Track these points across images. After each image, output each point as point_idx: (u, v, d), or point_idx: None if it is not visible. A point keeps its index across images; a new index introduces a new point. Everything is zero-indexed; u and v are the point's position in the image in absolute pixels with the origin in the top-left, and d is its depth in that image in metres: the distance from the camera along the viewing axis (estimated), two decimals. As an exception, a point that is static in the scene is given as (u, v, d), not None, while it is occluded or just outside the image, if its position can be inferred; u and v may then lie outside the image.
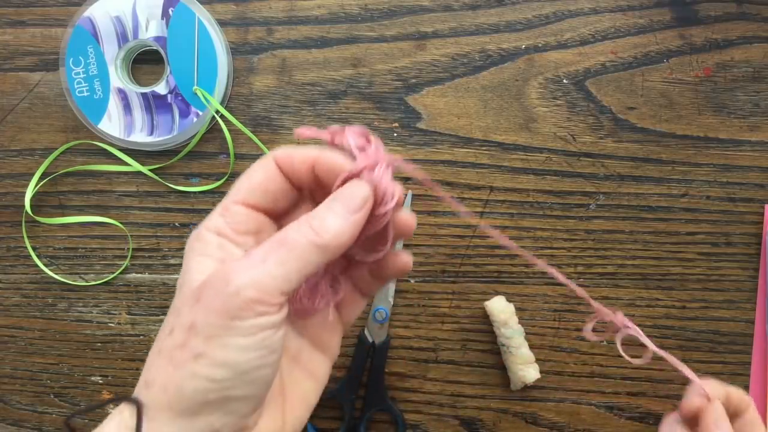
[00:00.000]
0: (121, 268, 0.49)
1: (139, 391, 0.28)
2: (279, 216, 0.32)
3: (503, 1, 0.48)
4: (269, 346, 0.27)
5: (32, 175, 0.49)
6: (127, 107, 0.48)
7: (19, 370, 0.50)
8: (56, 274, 0.50)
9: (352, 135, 0.30)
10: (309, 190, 0.32)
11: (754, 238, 0.47)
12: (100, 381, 0.50)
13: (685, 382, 0.47)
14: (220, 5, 0.49)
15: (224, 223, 0.29)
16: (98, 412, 0.50)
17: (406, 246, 0.48)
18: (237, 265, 0.27)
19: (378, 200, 0.30)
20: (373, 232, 0.30)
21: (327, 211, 0.28)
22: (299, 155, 0.30)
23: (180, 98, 0.48)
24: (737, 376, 0.47)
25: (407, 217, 0.31)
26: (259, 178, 0.30)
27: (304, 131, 0.31)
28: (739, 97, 0.47)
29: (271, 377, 0.28)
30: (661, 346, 0.47)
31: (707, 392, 0.36)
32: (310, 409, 0.33)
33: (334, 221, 0.28)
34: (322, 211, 0.28)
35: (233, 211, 0.30)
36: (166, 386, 0.27)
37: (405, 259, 0.33)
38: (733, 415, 0.37)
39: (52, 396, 0.50)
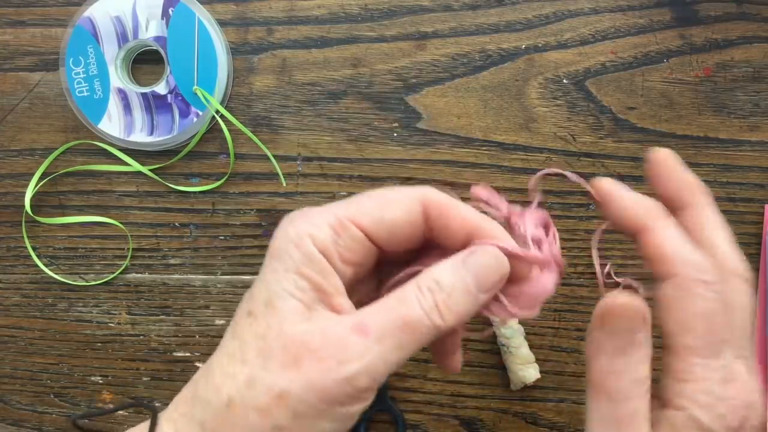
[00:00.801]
0: (121, 268, 0.49)
1: (191, 429, 0.24)
2: (386, 251, 0.27)
3: (503, 1, 0.48)
4: (348, 425, 0.25)
5: (32, 175, 0.49)
6: (127, 107, 0.48)
7: (19, 370, 0.50)
8: (56, 274, 0.50)
9: (530, 223, 0.26)
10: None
11: (754, 238, 0.47)
12: (100, 381, 0.50)
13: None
14: (220, 5, 0.49)
15: (334, 244, 0.25)
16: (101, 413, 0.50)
17: (406, 246, 0.48)
18: (354, 343, 0.23)
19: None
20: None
21: (458, 284, 0.24)
22: (457, 216, 0.26)
23: (180, 98, 0.48)
24: (737, 376, 0.47)
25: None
26: (396, 216, 0.25)
27: (481, 192, 0.27)
28: (739, 97, 0.47)
29: None
30: (662, 346, 0.47)
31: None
32: None
33: (463, 300, 0.24)
34: (451, 282, 0.24)
35: (351, 234, 0.25)
36: None
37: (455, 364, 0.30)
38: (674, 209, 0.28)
39: (52, 396, 0.50)
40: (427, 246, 0.27)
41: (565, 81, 0.47)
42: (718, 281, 0.25)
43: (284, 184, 0.49)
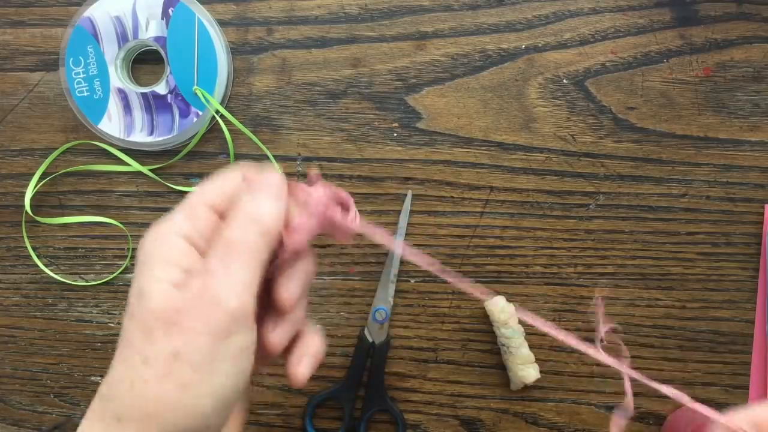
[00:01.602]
0: (121, 268, 0.49)
1: (107, 426, 0.26)
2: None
3: (503, 1, 0.48)
4: (246, 368, 0.27)
5: (32, 175, 0.49)
6: (127, 107, 0.48)
7: (19, 370, 0.50)
8: (56, 274, 0.50)
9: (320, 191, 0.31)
10: None
11: (754, 238, 0.47)
12: (100, 381, 0.50)
13: (686, 382, 0.47)
14: (220, 5, 0.49)
15: (191, 227, 0.28)
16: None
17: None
18: (217, 280, 0.26)
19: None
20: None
21: (255, 199, 0.28)
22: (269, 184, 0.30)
23: (180, 98, 0.48)
24: (737, 376, 0.47)
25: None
26: (231, 187, 0.29)
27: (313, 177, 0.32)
28: (739, 97, 0.47)
29: (237, 401, 0.28)
30: (662, 346, 0.48)
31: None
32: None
33: (267, 205, 0.28)
34: (249, 200, 0.28)
35: (200, 214, 0.28)
36: (144, 421, 0.25)
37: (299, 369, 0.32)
38: None
39: (52, 396, 0.50)
40: None
41: (565, 81, 0.47)
42: None
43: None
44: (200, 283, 0.26)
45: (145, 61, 0.49)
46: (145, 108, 0.48)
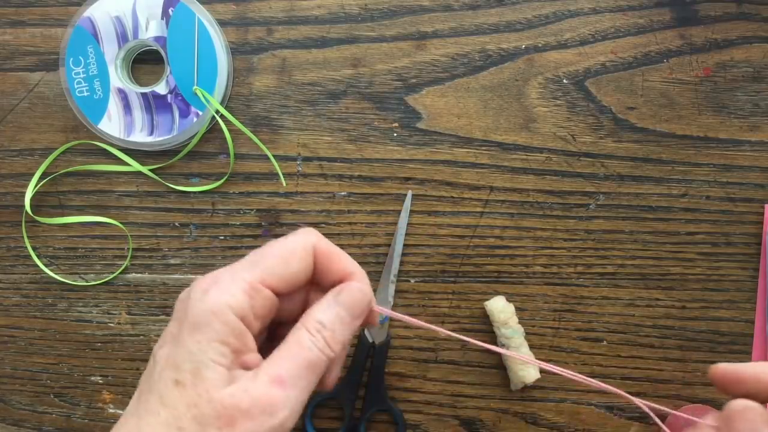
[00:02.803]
0: (121, 268, 0.49)
1: None
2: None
3: (503, 1, 0.48)
4: None
5: (32, 175, 0.49)
6: (127, 107, 0.48)
7: (19, 370, 0.50)
8: (56, 274, 0.50)
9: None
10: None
11: (754, 238, 0.47)
12: (100, 381, 0.50)
13: (686, 382, 0.47)
14: (220, 5, 0.49)
15: (250, 309, 0.28)
16: (98, 413, 0.50)
17: (406, 245, 0.48)
18: (276, 395, 0.27)
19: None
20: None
21: (336, 319, 0.29)
22: (338, 262, 0.31)
23: (180, 98, 0.48)
24: (737, 376, 0.47)
25: None
26: (297, 269, 0.29)
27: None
28: (739, 97, 0.47)
29: None
30: (662, 346, 0.48)
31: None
32: None
33: (342, 330, 0.29)
34: (330, 319, 0.29)
35: (262, 295, 0.28)
36: None
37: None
38: None
39: (52, 396, 0.50)
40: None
41: (565, 81, 0.47)
42: None
43: (284, 184, 0.49)
44: (262, 387, 0.27)
45: (145, 61, 0.49)
46: (145, 108, 0.48)
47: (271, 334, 0.32)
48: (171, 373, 0.27)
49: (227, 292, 0.27)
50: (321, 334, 0.28)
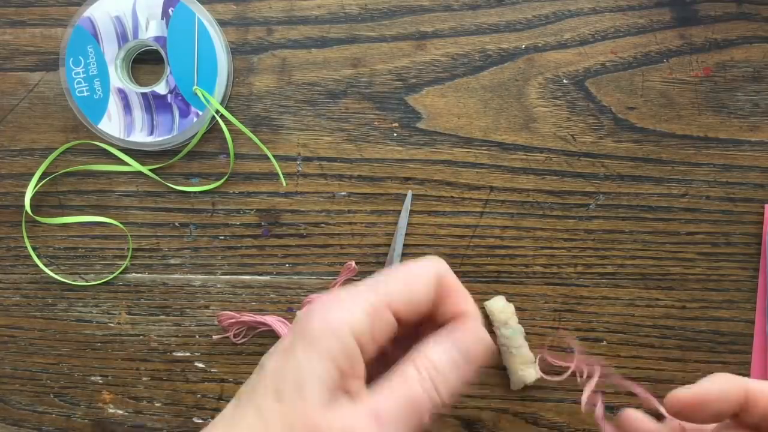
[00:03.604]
0: (121, 268, 0.49)
1: None
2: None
3: (503, 1, 0.48)
4: None
5: (32, 175, 0.49)
6: (127, 107, 0.48)
7: (19, 370, 0.50)
8: (56, 274, 0.50)
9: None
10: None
11: (754, 238, 0.47)
12: (100, 381, 0.50)
13: (686, 382, 0.47)
14: (220, 5, 0.49)
15: (370, 332, 0.26)
16: (98, 413, 0.50)
17: (406, 245, 0.48)
18: (373, 431, 0.25)
19: None
20: None
21: (451, 364, 0.27)
22: (457, 296, 0.28)
23: (180, 98, 0.48)
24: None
25: None
26: (421, 295, 0.27)
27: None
28: (739, 97, 0.47)
29: None
30: (662, 346, 0.48)
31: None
32: None
33: (455, 377, 0.27)
34: (445, 363, 0.27)
35: (385, 319, 0.26)
36: None
37: None
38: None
39: (52, 396, 0.50)
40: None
41: (565, 81, 0.47)
42: None
43: (284, 184, 0.49)
44: (358, 420, 0.25)
45: (145, 61, 0.49)
46: (145, 108, 0.48)
47: (377, 364, 0.30)
48: (274, 385, 0.26)
49: (348, 310, 0.26)
50: (430, 375, 0.26)
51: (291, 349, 0.26)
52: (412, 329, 0.29)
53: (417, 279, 0.28)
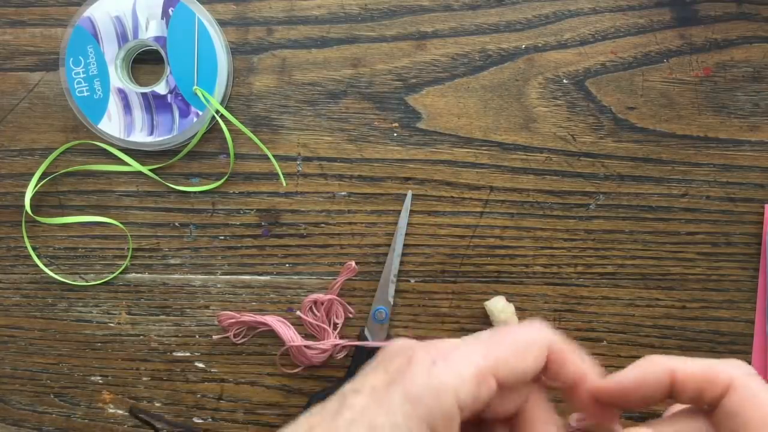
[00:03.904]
0: (121, 268, 0.49)
1: None
2: None
3: (503, 1, 0.48)
4: None
5: (32, 175, 0.49)
6: (127, 107, 0.48)
7: (19, 370, 0.50)
8: (56, 274, 0.50)
9: None
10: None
11: (754, 238, 0.47)
12: (100, 381, 0.50)
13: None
14: (220, 5, 0.49)
15: (473, 399, 0.23)
16: (98, 413, 0.50)
17: (406, 245, 0.48)
18: None
19: None
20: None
21: None
22: (577, 360, 0.26)
23: (180, 98, 0.48)
24: (737, 376, 0.47)
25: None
26: (529, 367, 0.25)
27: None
28: (739, 97, 0.47)
29: None
30: (662, 346, 0.48)
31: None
32: None
33: None
34: None
35: (489, 386, 0.24)
36: None
37: None
38: (699, 401, 0.25)
39: (52, 396, 0.50)
40: None
41: (565, 81, 0.47)
42: None
43: (284, 184, 0.49)
44: None
45: (145, 61, 0.49)
46: (145, 108, 0.48)
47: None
48: (363, 430, 0.23)
49: (458, 373, 0.24)
50: None
51: (385, 394, 0.24)
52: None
53: (529, 350, 0.25)
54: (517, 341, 0.25)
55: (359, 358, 0.47)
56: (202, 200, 0.49)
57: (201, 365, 0.49)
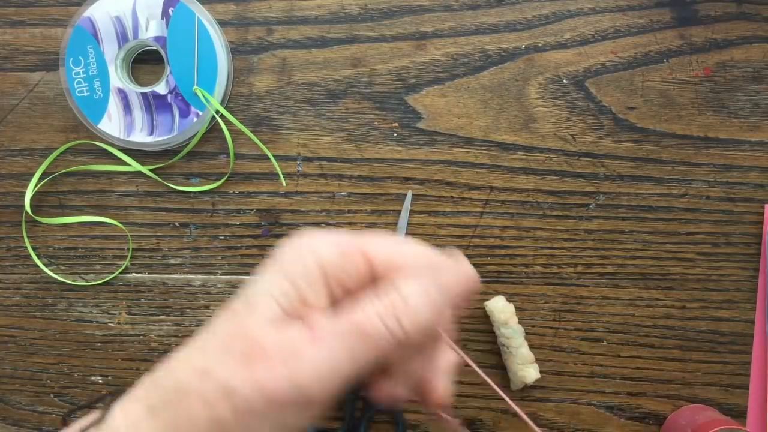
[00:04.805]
0: (121, 268, 0.49)
1: (140, 411, 0.24)
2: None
3: (503, 1, 0.48)
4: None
5: (32, 175, 0.49)
6: (127, 107, 0.48)
7: (19, 370, 0.50)
8: (56, 274, 0.50)
9: None
10: None
11: (754, 238, 0.47)
12: (100, 381, 0.50)
13: (685, 382, 0.47)
14: (220, 5, 0.49)
15: (334, 265, 0.25)
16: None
17: (406, 246, 0.48)
18: (305, 349, 0.23)
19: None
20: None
21: (426, 301, 0.24)
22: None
23: (180, 98, 0.48)
24: (737, 376, 0.47)
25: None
26: (408, 258, 0.26)
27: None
28: (739, 97, 0.47)
29: None
30: (662, 346, 0.48)
31: None
32: None
33: (426, 315, 0.24)
34: (412, 290, 0.24)
35: (355, 261, 0.25)
36: (170, 428, 0.24)
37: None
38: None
39: (52, 396, 0.50)
40: None
41: (565, 81, 0.47)
42: None
43: (284, 184, 0.48)
44: (292, 333, 0.24)
45: (145, 61, 0.49)
46: (145, 108, 0.48)
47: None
48: (233, 302, 0.25)
49: (321, 241, 0.25)
50: (395, 307, 0.24)
51: (261, 272, 0.26)
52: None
53: (405, 241, 0.27)
54: (396, 237, 0.27)
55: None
56: (202, 200, 0.49)
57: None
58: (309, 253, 0.25)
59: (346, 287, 0.25)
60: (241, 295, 0.25)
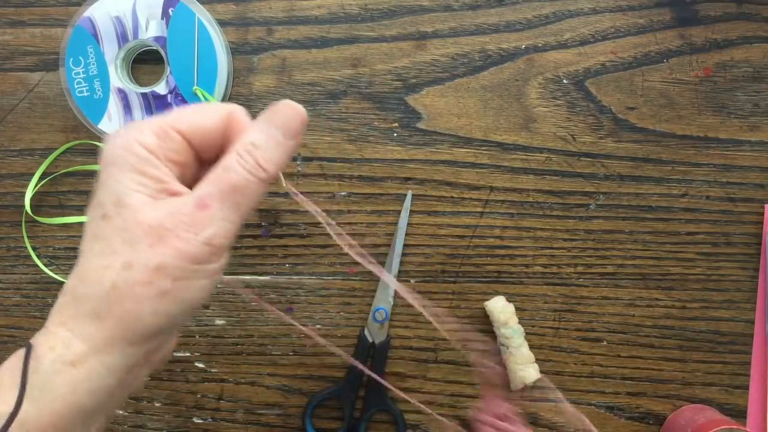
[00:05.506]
0: (121, 268, 0.49)
1: (84, 323, 0.28)
2: (202, 156, 0.31)
3: (503, 1, 0.48)
4: (213, 286, 0.29)
5: (32, 175, 0.49)
6: (127, 107, 0.48)
7: (19, 370, 0.50)
8: (56, 274, 0.50)
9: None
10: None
11: (754, 238, 0.47)
12: (100, 381, 0.50)
13: (685, 382, 0.48)
14: (220, 5, 0.49)
15: (159, 147, 0.28)
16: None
17: (406, 245, 0.48)
18: (201, 216, 0.28)
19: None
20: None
21: (269, 139, 0.29)
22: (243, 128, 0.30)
23: (180, 98, 0.48)
24: (737, 376, 0.47)
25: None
26: (211, 124, 0.29)
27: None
28: (739, 97, 0.47)
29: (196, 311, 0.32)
30: (662, 346, 0.48)
31: None
32: None
33: (277, 151, 0.29)
34: (263, 139, 0.29)
35: (171, 137, 0.29)
36: (124, 319, 0.27)
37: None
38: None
39: (52, 396, 0.50)
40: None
41: (565, 81, 0.47)
42: None
43: (284, 185, 0.48)
44: (185, 209, 0.27)
45: (145, 61, 0.49)
46: (145, 108, 0.48)
47: None
48: (96, 211, 0.28)
49: (136, 129, 0.28)
50: (251, 155, 0.29)
51: (99, 180, 0.29)
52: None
53: (205, 108, 0.30)
54: (196, 105, 0.30)
55: (359, 357, 0.47)
56: (202, 200, 0.49)
57: (201, 365, 0.49)
58: (134, 143, 0.28)
59: (177, 163, 0.29)
60: (100, 205, 0.28)
